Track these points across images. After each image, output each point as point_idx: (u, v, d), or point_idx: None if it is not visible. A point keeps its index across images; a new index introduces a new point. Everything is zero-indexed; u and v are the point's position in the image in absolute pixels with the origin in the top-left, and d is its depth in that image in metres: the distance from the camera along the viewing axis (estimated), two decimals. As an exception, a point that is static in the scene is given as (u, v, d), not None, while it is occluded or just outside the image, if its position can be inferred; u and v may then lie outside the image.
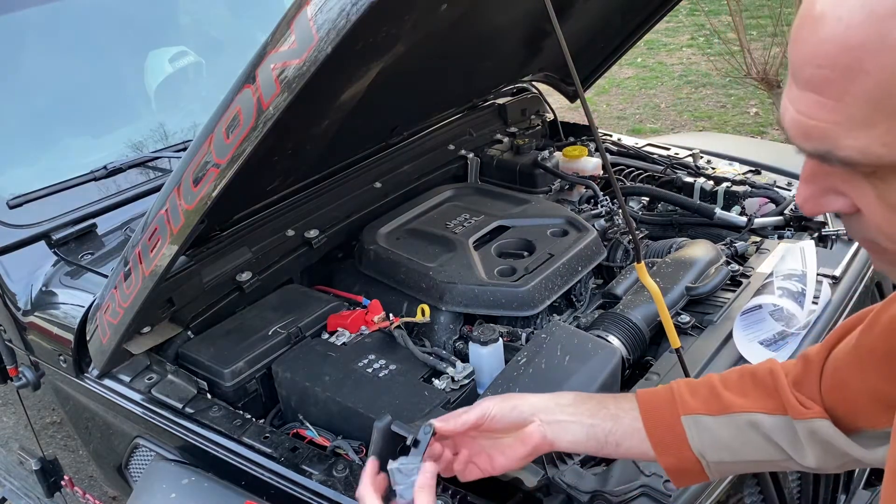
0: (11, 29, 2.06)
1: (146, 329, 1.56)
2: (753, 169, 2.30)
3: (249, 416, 1.48)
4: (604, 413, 1.08)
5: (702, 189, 2.19)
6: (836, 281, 1.69)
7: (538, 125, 2.68)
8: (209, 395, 1.53)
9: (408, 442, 1.03)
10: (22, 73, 2.05)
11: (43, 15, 2.09)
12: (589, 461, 1.31)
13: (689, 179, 2.25)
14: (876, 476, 1.88)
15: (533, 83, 2.68)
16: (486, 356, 1.51)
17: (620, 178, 2.40)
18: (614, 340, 1.53)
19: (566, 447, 1.10)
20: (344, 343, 1.59)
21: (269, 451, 1.37)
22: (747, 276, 1.74)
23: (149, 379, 1.57)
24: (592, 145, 2.51)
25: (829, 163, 0.64)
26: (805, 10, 0.63)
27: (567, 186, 2.33)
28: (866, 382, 0.93)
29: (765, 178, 2.24)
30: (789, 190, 2.15)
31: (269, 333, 1.60)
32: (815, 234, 1.90)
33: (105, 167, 1.91)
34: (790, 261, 1.63)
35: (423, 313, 1.61)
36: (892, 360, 0.90)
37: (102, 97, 2.19)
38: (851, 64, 0.58)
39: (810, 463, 1.00)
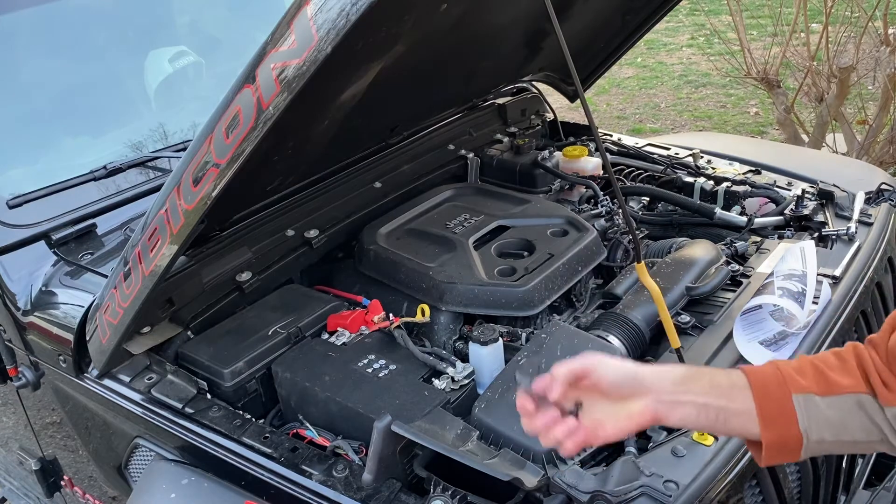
0: (12, 29, 2.06)
1: (146, 329, 1.56)
2: (753, 169, 2.30)
3: (249, 416, 1.48)
4: (716, 391, 1.07)
5: (702, 189, 2.19)
6: (836, 281, 1.68)
7: (538, 125, 2.68)
8: (209, 395, 1.53)
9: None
10: (22, 72, 2.05)
11: (43, 15, 2.09)
12: (589, 461, 1.31)
13: (689, 179, 2.25)
14: (876, 476, 1.88)
15: (533, 83, 2.68)
16: (486, 356, 1.51)
17: (620, 178, 2.40)
18: (614, 340, 1.53)
19: (674, 424, 1.09)
20: (344, 343, 1.59)
21: (269, 451, 1.37)
22: (747, 276, 1.74)
23: (149, 379, 1.57)
24: (592, 145, 2.51)
25: None
26: None
27: (567, 186, 2.32)
28: None
29: (765, 178, 2.24)
30: (789, 190, 2.15)
31: (269, 333, 1.60)
32: (815, 234, 1.90)
33: (105, 167, 1.91)
34: (790, 261, 1.63)
35: (423, 313, 1.61)
36: None
37: (102, 97, 2.19)
38: None
39: None
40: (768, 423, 1.05)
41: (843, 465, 1.70)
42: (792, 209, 2.03)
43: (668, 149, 2.49)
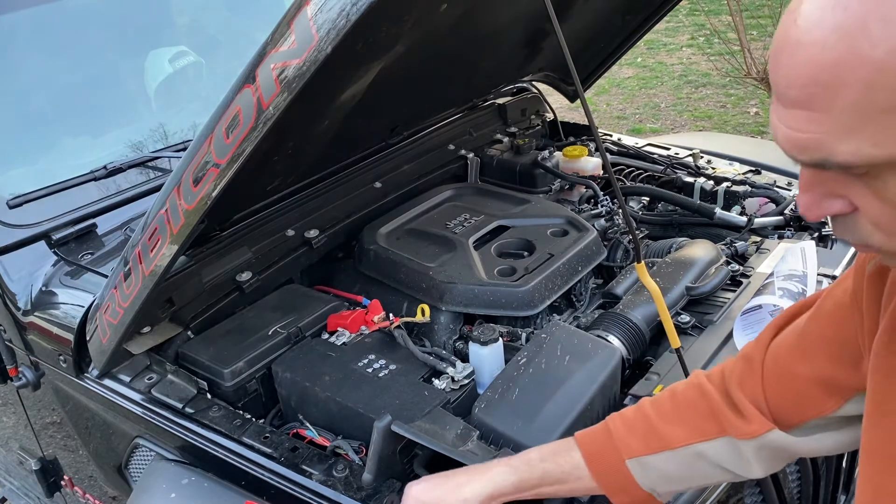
0: (12, 29, 2.06)
1: (146, 329, 1.56)
2: (753, 169, 2.30)
3: (249, 416, 1.48)
4: (550, 479, 1.11)
5: (702, 189, 2.19)
6: (836, 281, 1.68)
7: (538, 125, 2.68)
8: (209, 395, 1.53)
9: None
10: (22, 72, 2.05)
11: (43, 15, 2.09)
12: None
13: (689, 179, 2.25)
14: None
15: (533, 83, 2.68)
16: (486, 356, 1.51)
17: (620, 178, 2.40)
18: (614, 340, 1.53)
19: (505, 497, 1.12)
20: (344, 343, 1.59)
21: (269, 451, 1.37)
22: (747, 276, 1.74)
23: (149, 379, 1.57)
24: (592, 145, 2.51)
25: (826, 168, 0.69)
26: (781, 37, 0.67)
27: (567, 186, 2.33)
28: (814, 369, 0.96)
29: (765, 178, 2.25)
30: (789, 190, 2.15)
31: (269, 333, 1.60)
32: (815, 234, 1.90)
33: (105, 167, 1.91)
34: (791, 261, 1.63)
35: (423, 313, 1.61)
36: (842, 344, 0.93)
37: (102, 97, 2.19)
38: (832, 80, 0.63)
39: (757, 474, 1.04)
40: (613, 492, 1.09)
41: (843, 464, 1.70)
42: (792, 209, 2.03)
43: (668, 149, 2.49)
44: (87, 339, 1.55)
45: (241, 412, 1.49)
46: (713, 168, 2.33)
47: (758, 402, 1.01)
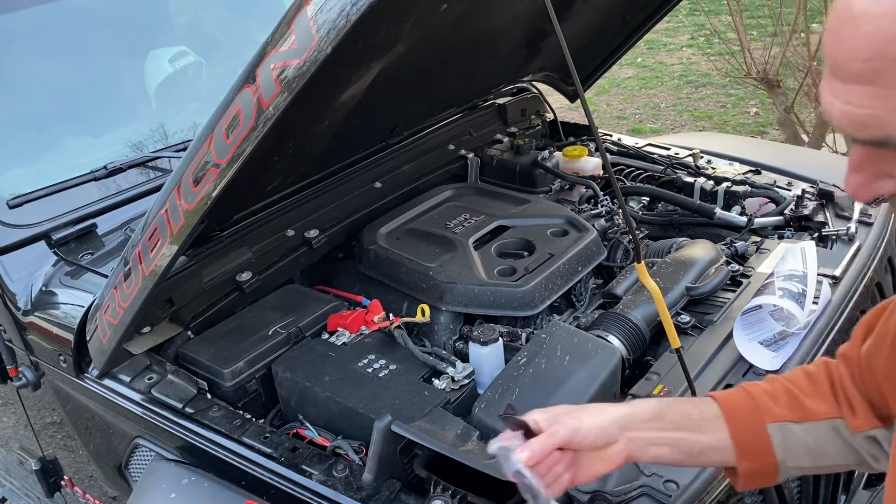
0: (12, 29, 2.06)
1: (146, 329, 1.56)
2: (753, 169, 2.30)
3: (249, 416, 1.48)
4: (688, 424, 1.06)
5: (702, 189, 2.19)
6: (836, 281, 1.69)
7: (538, 125, 2.68)
8: (209, 395, 1.53)
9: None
10: (22, 72, 2.05)
11: (43, 15, 2.09)
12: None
13: (689, 179, 2.25)
14: (876, 476, 1.88)
15: (533, 83, 2.68)
16: (486, 356, 1.51)
17: (620, 178, 2.40)
18: (614, 340, 1.53)
19: (649, 461, 1.09)
20: (344, 343, 1.59)
21: (269, 451, 1.37)
22: (747, 276, 1.74)
23: (149, 379, 1.57)
24: (592, 145, 2.51)
25: (885, 147, 0.66)
26: (842, 10, 0.65)
27: (567, 186, 2.33)
28: (891, 367, 0.95)
29: (765, 178, 2.25)
30: (789, 190, 2.15)
31: (269, 333, 1.60)
32: (815, 234, 1.90)
33: (105, 167, 1.91)
34: (791, 261, 1.63)
35: (423, 313, 1.61)
36: None
37: (102, 97, 2.19)
38: None
39: (883, 467, 1.01)
40: (744, 454, 1.05)
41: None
42: (792, 209, 2.03)
43: (668, 149, 2.49)
44: (87, 339, 1.55)
45: (241, 412, 1.49)
46: (713, 168, 2.33)
47: (864, 398, 1.01)
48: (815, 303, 1.55)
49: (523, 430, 1.02)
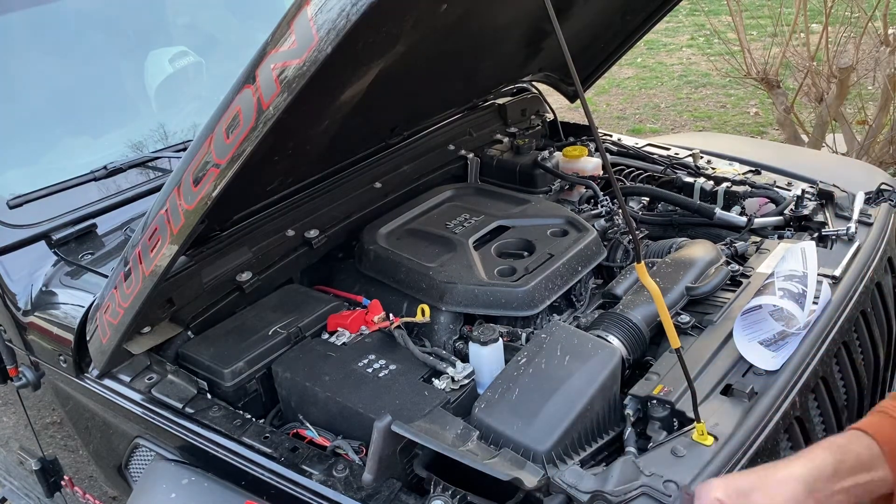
0: (12, 29, 2.06)
1: (146, 329, 1.56)
2: (753, 169, 2.30)
3: (249, 416, 1.48)
4: (862, 466, 1.05)
5: (702, 189, 2.19)
6: (836, 281, 1.68)
7: (538, 125, 2.68)
8: (209, 395, 1.53)
9: None
10: (23, 73, 2.05)
11: (43, 15, 2.09)
12: (589, 461, 1.31)
13: (689, 179, 2.25)
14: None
15: (533, 83, 2.68)
16: (486, 356, 1.51)
17: (620, 178, 2.40)
18: (614, 340, 1.53)
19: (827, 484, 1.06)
20: (344, 343, 1.59)
21: (269, 451, 1.37)
22: (747, 276, 1.74)
23: (149, 379, 1.57)
24: (592, 145, 2.51)
25: None
26: None
27: (567, 186, 2.33)
28: None
29: (765, 178, 2.24)
30: (789, 190, 2.15)
31: (269, 333, 1.60)
32: (815, 235, 1.90)
33: (105, 167, 1.92)
34: (791, 262, 1.63)
35: (423, 313, 1.61)
36: None
37: (102, 97, 2.19)
38: None
39: None
40: None
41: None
42: (792, 209, 2.03)
43: (668, 149, 2.49)
44: (88, 339, 1.55)
45: (241, 412, 1.49)
46: (713, 168, 2.33)
47: None
48: (814, 303, 1.55)
49: None
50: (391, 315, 1.64)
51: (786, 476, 1.03)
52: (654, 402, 1.36)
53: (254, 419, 1.47)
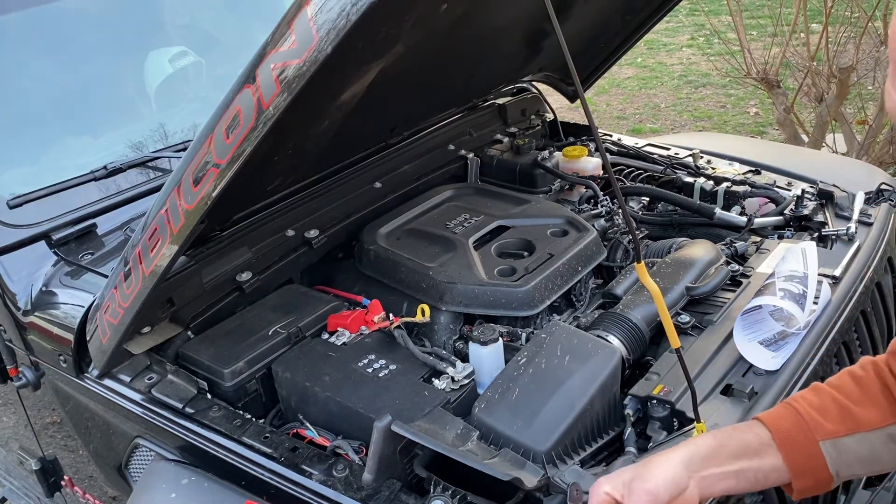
0: (12, 29, 2.06)
1: (146, 329, 1.56)
2: (753, 169, 2.30)
3: (249, 416, 1.48)
4: (748, 452, 1.07)
5: (702, 189, 2.19)
6: (836, 281, 1.69)
7: (538, 125, 2.68)
8: (209, 395, 1.53)
9: None
10: (23, 72, 2.05)
11: (43, 15, 2.09)
12: (589, 461, 1.31)
13: (689, 179, 2.25)
14: (876, 476, 1.88)
15: (533, 83, 2.68)
16: (486, 356, 1.51)
17: (620, 178, 2.40)
18: (614, 340, 1.53)
19: (721, 495, 1.09)
20: (344, 343, 1.59)
21: (269, 451, 1.37)
22: (747, 276, 1.74)
23: (149, 379, 1.57)
24: (592, 145, 2.51)
25: None
26: None
27: (567, 186, 2.33)
28: None
29: (765, 178, 2.24)
30: (789, 190, 2.15)
31: (269, 333, 1.60)
32: (815, 234, 1.90)
33: (105, 167, 1.91)
34: (791, 262, 1.63)
35: (423, 313, 1.61)
36: None
37: (102, 97, 2.19)
38: None
39: None
40: (799, 475, 1.05)
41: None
42: (792, 209, 2.03)
43: (668, 149, 2.49)
44: (88, 339, 1.55)
45: (241, 412, 1.49)
46: (713, 168, 2.33)
47: None
48: (814, 303, 1.55)
49: None
50: (391, 315, 1.64)
51: (664, 460, 1.05)
52: (654, 402, 1.36)
53: (254, 419, 1.47)
